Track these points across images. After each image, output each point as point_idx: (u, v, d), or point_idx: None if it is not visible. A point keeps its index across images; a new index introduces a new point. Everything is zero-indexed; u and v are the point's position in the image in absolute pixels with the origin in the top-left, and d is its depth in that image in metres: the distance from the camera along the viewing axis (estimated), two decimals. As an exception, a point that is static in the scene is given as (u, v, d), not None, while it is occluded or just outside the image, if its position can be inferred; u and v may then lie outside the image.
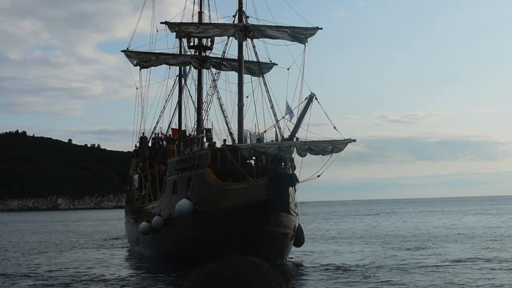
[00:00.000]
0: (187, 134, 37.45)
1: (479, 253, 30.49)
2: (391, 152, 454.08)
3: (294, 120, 25.68)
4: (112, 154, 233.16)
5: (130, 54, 35.94)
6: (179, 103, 40.20)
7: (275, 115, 29.80)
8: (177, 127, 40.14)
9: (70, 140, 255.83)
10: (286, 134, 26.75)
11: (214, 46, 35.87)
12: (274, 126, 28.80)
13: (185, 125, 39.16)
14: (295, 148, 25.07)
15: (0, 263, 32.06)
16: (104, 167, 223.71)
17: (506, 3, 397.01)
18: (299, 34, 29.81)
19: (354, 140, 27.06)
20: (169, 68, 39.16)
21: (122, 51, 36.16)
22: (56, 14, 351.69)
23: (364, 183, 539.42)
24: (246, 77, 31.79)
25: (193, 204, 27.39)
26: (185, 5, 35.66)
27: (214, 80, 33.61)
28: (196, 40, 35.32)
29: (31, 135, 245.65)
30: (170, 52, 36.92)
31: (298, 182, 25.87)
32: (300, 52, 29.72)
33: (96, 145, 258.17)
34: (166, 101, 40.12)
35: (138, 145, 40.92)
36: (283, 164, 25.37)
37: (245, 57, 30.80)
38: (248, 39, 30.09)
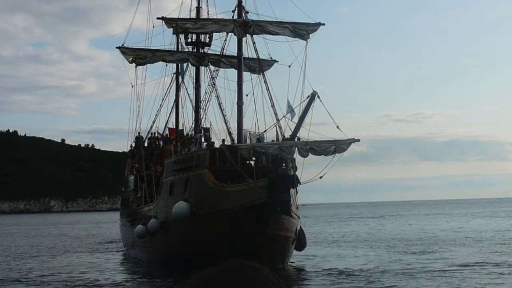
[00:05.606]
0: (185, 133, 37.01)
1: (488, 257, 30.08)
2: (396, 153, 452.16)
3: (296, 119, 25.30)
4: (107, 154, 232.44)
5: (125, 50, 35.41)
6: (176, 101, 39.81)
7: (275, 114, 29.40)
8: (174, 127, 39.62)
9: (63, 140, 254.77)
10: (287, 134, 26.30)
11: (212, 42, 35.47)
12: (275, 126, 28.47)
13: (183, 125, 38.65)
14: (296, 148, 24.63)
15: (-10, 268, 31.38)
16: (98, 168, 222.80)
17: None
18: (301, 30, 29.27)
19: (358, 140, 26.62)
20: (166, 65, 38.71)
21: (117, 47, 35.63)
22: (48, 9, 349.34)
23: (368, 185, 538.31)
24: (246, 75, 31.30)
25: (191, 206, 26.88)
26: (182, 0, 35.05)
27: (212, 78, 33.02)
28: (194, 36, 34.86)
29: (23, 134, 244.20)
30: (167, 49, 36.46)
31: (300, 183, 25.43)
32: (301, 48, 29.29)
33: (90, 145, 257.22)
34: (163, 99, 39.71)
35: (133, 145, 40.40)
36: (284, 165, 24.81)
37: (245, 54, 30.34)
38: (248, 35, 29.60)
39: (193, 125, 33.96)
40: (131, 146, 40.84)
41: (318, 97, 23.98)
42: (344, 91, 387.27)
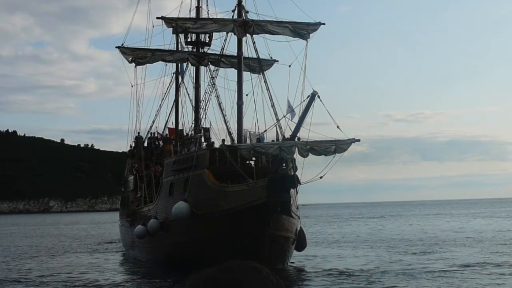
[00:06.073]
0: (185, 133, 36.79)
1: (488, 258, 29.97)
2: (397, 153, 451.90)
3: (296, 119, 25.19)
4: (107, 154, 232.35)
5: (125, 50, 35.26)
6: (176, 101, 39.58)
7: (275, 114, 29.26)
8: (174, 127, 39.43)
9: (62, 140, 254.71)
10: (287, 134, 26.16)
11: (212, 42, 35.26)
12: (275, 126, 28.30)
13: (182, 124, 38.49)
14: (296, 149, 24.53)
15: (-11, 268, 31.26)
16: (98, 168, 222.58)
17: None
18: (301, 30, 29.14)
19: (358, 140, 26.53)
20: (166, 65, 38.56)
21: (116, 47, 35.45)
22: (48, 8, 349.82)
23: (368, 185, 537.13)
24: (246, 75, 31.14)
25: (191, 206, 26.74)
26: (182, 0, 34.87)
27: (212, 78, 32.83)
28: (194, 36, 34.68)
29: (22, 134, 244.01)
30: (167, 49, 36.31)
31: (300, 183, 25.29)
32: (301, 48, 29.14)
33: (89, 145, 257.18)
34: (163, 99, 39.52)
35: (133, 145, 40.17)
36: (284, 165, 24.74)
37: (245, 54, 30.20)
38: (248, 35, 29.45)
39: (193, 125, 33.80)
40: (130, 146, 40.64)
41: (318, 97, 23.90)
42: (345, 91, 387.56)
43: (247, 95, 30.48)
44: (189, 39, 35.12)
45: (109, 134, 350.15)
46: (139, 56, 35.20)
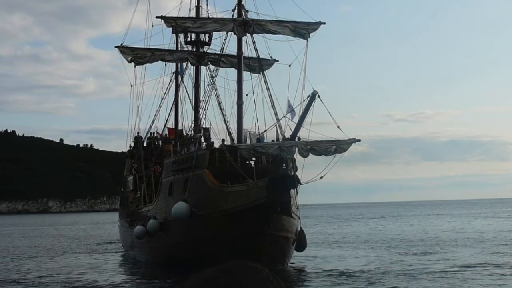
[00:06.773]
0: (184, 133, 36.68)
1: (490, 258, 29.88)
2: (397, 153, 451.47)
3: (296, 119, 25.19)
4: (106, 154, 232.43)
5: (124, 50, 35.27)
6: (176, 101, 39.57)
7: (276, 114, 29.28)
8: (174, 126, 39.38)
9: (61, 140, 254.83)
10: (288, 134, 26.13)
11: (212, 41, 35.27)
12: (275, 125, 28.28)
13: (182, 124, 38.46)
14: (296, 149, 24.52)
15: (-12, 269, 31.18)
16: (97, 168, 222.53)
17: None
18: (301, 29, 29.11)
19: (359, 140, 26.53)
20: (165, 64, 38.60)
21: (116, 47, 35.51)
22: (47, 8, 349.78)
23: (369, 185, 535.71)
24: (246, 74, 31.08)
25: (190, 206, 26.68)
26: (182, -1, 34.79)
27: (212, 77, 32.83)
28: (194, 35, 34.67)
29: (21, 134, 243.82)
30: (166, 48, 36.27)
31: (300, 183, 25.23)
32: (302, 48, 29.11)
33: (89, 145, 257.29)
34: (162, 99, 39.39)
35: (132, 145, 40.12)
36: (284, 165, 24.66)
37: (245, 53, 30.16)
38: (248, 35, 29.42)
39: (193, 125, 33.75)
40: (130, 146, 40.55)
41: (319, 96, 23.91)
42: (345, 90, 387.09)
43: (247, 95, 30.51)
44: (188, 39, 35.12)
45: (108, 134, 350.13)
46: (138, 55, 35.18)
